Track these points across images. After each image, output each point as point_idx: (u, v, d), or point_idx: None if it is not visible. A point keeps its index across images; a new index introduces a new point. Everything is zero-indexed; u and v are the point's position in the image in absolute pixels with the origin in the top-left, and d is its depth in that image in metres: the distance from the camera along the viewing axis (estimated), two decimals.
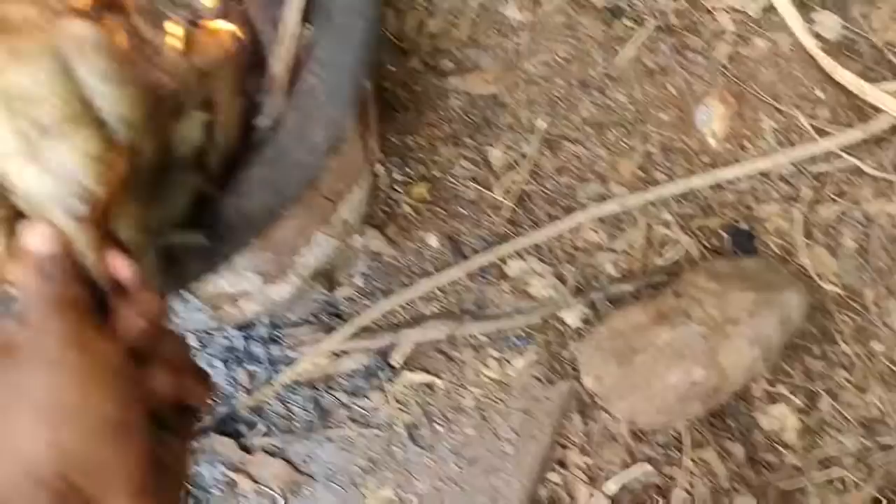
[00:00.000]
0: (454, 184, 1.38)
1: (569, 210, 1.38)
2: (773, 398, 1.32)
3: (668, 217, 1.38)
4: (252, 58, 0.97)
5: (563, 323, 1.35)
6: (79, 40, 0.73)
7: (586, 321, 1.35)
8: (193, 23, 0.90)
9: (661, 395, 1.23)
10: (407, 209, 1.37)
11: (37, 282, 0.50)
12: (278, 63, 0.94)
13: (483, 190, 1.38)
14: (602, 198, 1.38)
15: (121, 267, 0.54)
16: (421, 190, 1.37)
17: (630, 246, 1.37)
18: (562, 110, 1.41)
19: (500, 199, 1.38)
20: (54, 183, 0.63)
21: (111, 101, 0.73)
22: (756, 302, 1.22)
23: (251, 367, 1.33)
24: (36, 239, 0.53)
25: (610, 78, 1.42)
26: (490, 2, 1.43)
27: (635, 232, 1.37)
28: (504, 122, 1.40)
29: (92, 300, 0.52)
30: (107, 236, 0.58)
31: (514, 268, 1.36)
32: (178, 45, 0.87)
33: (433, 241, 1.37)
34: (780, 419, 1.31)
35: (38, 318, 0.48)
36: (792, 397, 1.32)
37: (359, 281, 1.36)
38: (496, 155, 1.39)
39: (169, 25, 0.87)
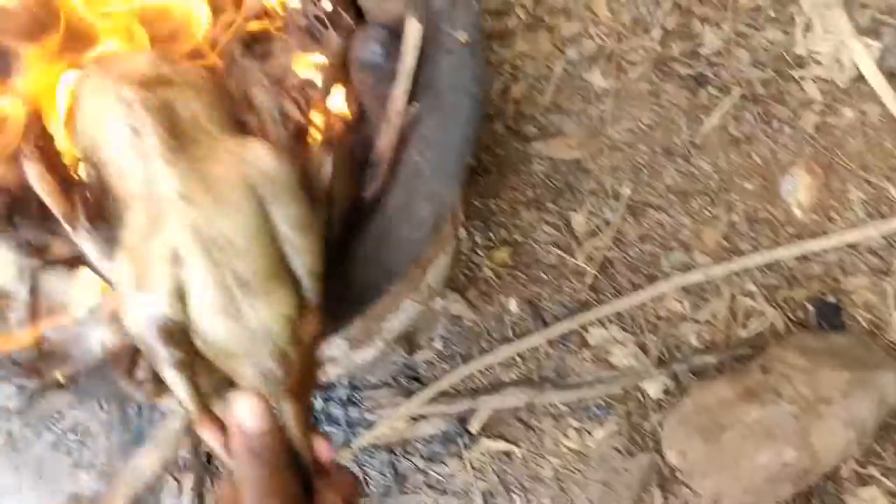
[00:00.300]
0: (536, 249, 1.38)
1: (652, 278, 1.36)
2: (863, 480, 1.28)
3: (753, 288, 1.35)
4: (358, 135, 0.99)
5: (644, 394, 1.32)
6: (270, 178, 0.74)
7: (668, 392, 1.32)
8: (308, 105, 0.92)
9: (749, 475, 1.20)
10: (488, 273, 1.37)
11: (249, 460, 0.51)
12: (384, 139, 0.95)
13: (565, 256, 1.37)
14: (686, 267, 1.36)
15: (323, 449, 0.55)
16: (503, 254, 1.37)
17: (713, 316, 1.34)
18: (645, 177, 1.40)
19: (583, 265, 1.37)
20: (249, 340, 0.64)
21: (302, 252, 0.74)
22: (850, 382, 1.19)
23: (329, 429, 1.33)
24: (246, 413, 0.54)
25: (694, 146, 1.41)
26: (574, 68, 1.43)
27: (719, 302, 1.35)
28: (587, 188, 1.40)
29: (299, 484, 0.53)
30: (308, 410, 0.58)
31: (595, 336, 1.35)
32: (319, 136, 0.88)
33: (513, 306, 1.37)
34: (871, 502, 1.27)
35: None
36: (884, 479, 1.27)
37: (438, 344, 1.36)
38: (579, 221, 1.38)
39: (314, 115, 0.88)
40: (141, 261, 0.72)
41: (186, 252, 0.70)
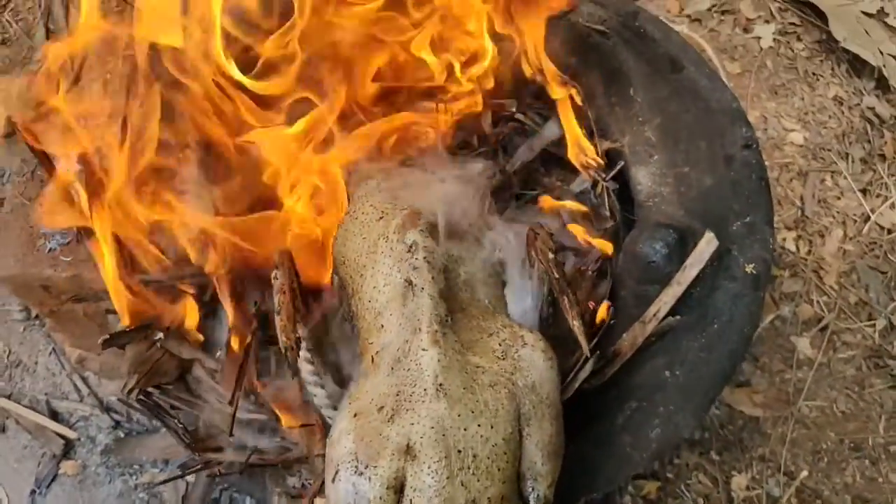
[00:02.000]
0: (685, 495, 1.26)
1: None
2: None
3: None
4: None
5: None
6: (538, 392, 0.68)
7: None
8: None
9: None
10: (627, 500, 1.25)
11: None
12: (629, 338, 0.89)
13: None
14: None
15: None
16: (650, 486, 1.26)
17: None
18: (824, 465, 1.28)
19: None
20: None
21: (541, 480, 0.68)
22: None
23: None
24: None
25: (888, 452, 1.29)
26: (784, 326, 1.36)
27: None
28: (758, 453, 1.29)
29: None
30: None
31: None
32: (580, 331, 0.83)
33: None
34: None
35: None
36: None
37: None
38: (740, 483, 1.27)
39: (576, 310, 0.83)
40: (368, 437, 0.66)
41: (422, 450, 0.64)
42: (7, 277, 0.97)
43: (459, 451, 0.64)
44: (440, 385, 0.67)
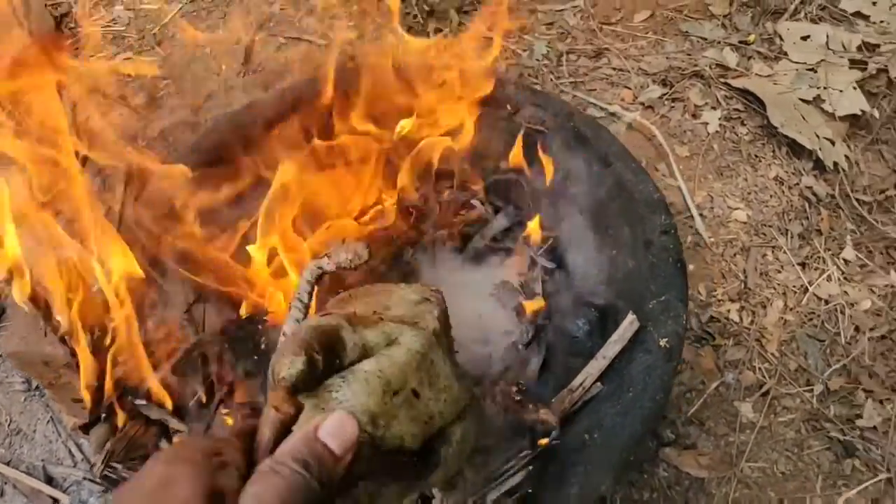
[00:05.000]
0: None
1: None
2: None
3: None
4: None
5: None
6: None
7: None
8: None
9: None
10: None
11: (294, 466, 0.49)
12: (560, 404, 1.01)
13: None
14: None
15: None
16: None
17: None
18: None
19: None
20: None
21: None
22: None
23: None
24: (339, 430, 0.53)
25: None
26: (728, 391, 1.48)
27: None
28: None
29: None
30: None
31: None
32: None
33: None
34: None
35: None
36: None
37: None
38: None
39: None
40: None
41: None
42: (13, 353, 1.10)
43: None
44: None
